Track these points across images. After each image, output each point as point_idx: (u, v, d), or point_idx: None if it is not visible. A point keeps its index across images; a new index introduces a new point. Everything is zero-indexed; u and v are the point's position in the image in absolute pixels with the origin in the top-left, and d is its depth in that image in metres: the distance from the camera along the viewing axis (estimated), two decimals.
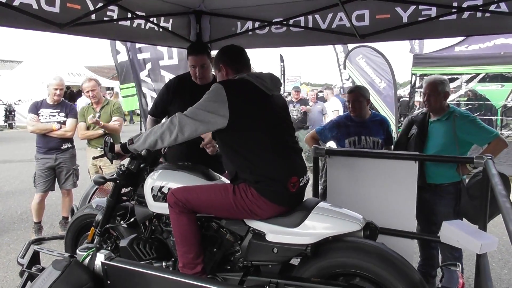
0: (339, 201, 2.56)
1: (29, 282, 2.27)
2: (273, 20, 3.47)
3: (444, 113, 2.91)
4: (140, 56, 5.24)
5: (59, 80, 4.32)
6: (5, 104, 16.74)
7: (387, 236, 2.52)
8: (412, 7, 2.96)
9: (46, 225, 4.65)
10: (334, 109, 8.22)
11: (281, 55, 17.51)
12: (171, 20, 3.59)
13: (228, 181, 2.18)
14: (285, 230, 1.99)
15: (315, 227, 1.95)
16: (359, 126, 3.21)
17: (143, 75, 5.31)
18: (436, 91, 2.88)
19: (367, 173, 2.80)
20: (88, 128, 4.38)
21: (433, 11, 2.92)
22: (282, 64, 17.47)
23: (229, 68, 2.21)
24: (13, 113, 16.96)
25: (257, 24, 3.56)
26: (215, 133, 2.16)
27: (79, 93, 19.77)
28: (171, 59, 5.19)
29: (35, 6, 2.54)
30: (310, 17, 3.33)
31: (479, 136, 2.82)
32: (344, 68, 8.80)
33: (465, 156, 2.84)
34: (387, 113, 7.43)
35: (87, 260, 1.95)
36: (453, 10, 2.85)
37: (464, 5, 2.81)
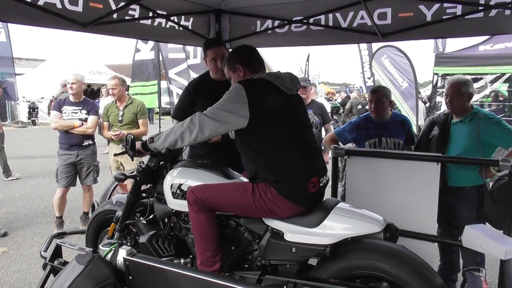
0: (358, 202, 2.53)
1: (51, 275, 2.33)
2: (293, 19, 3.45)
3: (468, 114, 2.82)
4: (171, 56, 5.31)
5: (72, 75, 4.38)
6: (28, 102, 17.24)
7: (407, 238, 2.47)
8: (437, 5, 2.89)
9: (67, 220, 4.76)
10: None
11: (308, 54, 17.57)
12: (191, 19, 3.62)
13: (247, 180, 2.18)
14: (304, 230, 1.98)
15: (334, 228, 1.93)
16: (379, 127, 3.16)
17: (172, 73, 5.36)
18: (459, 92, 2.79)
19: (388, 174, 2.75)
20: (111, 126, 4.48)
21: (458, 9, 2.84)
22: (307, 63, 17.49)
23: (246, 68, 2.21)
24: (36, 110, 17.46)
25: (276, 22, 3.55)
26: (235, 133, 2.16)
27: (99, 91, 20.20)
28: (195, 58, 5.25)
29: (59, 5, 2.60)
30: (330, 15, 3.30)
31: (504, 139, 2.74)
32: (370, 68, 8.75)
33: (489, 158, 2.76)
34: (409, 113, 7.30)
35: (109, 255, 1.98)
36: (480, 8, 2.77)
37: (492, 2, 2.72)
